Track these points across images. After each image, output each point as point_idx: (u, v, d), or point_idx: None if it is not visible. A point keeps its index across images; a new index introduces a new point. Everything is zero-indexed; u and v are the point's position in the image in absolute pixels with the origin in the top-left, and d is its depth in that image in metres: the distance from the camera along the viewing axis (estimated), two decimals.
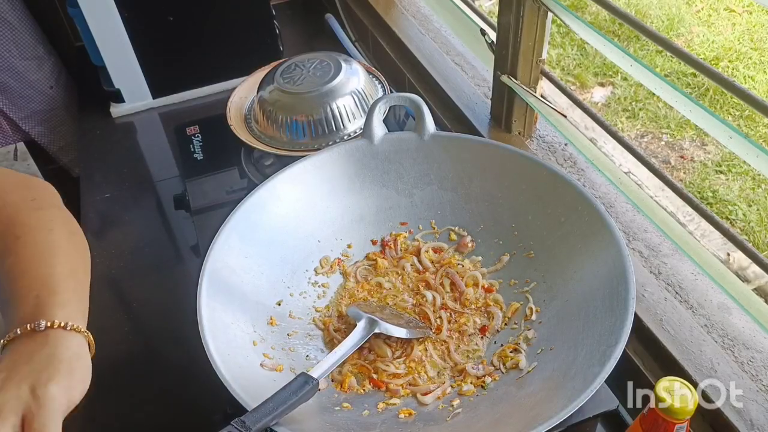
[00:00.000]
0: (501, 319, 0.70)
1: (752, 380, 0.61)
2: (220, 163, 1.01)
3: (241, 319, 0.66)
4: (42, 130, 1.37)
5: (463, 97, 1.01)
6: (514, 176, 0.75)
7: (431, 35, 1.15)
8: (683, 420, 0.49)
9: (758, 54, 2.39)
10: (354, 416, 0.61)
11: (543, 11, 0.81)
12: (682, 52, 0.62)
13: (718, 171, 2.07)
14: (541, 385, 0.59)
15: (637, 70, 0.68)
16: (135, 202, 1.04)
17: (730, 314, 0.67)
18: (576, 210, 0.69)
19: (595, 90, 2.44)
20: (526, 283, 0.72)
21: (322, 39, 1.35)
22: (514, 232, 0.75)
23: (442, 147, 0.79)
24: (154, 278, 0.91)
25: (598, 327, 0.59)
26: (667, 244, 0.75)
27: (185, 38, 1.16)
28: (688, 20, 2.62)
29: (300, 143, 0.92)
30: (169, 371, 0.78)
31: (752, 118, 2.18)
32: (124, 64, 1.14)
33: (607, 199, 0.82)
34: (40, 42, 1.33)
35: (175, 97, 1.21)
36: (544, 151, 0.92)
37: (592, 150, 0.80)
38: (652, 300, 0.69)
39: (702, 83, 2.30)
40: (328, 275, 0.77)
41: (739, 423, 0.58)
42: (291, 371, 0.64)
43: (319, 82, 0.92)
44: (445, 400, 0.63)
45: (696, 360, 0.63)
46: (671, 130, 2.22)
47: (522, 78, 0.87)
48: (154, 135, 1.19)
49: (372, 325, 0.65)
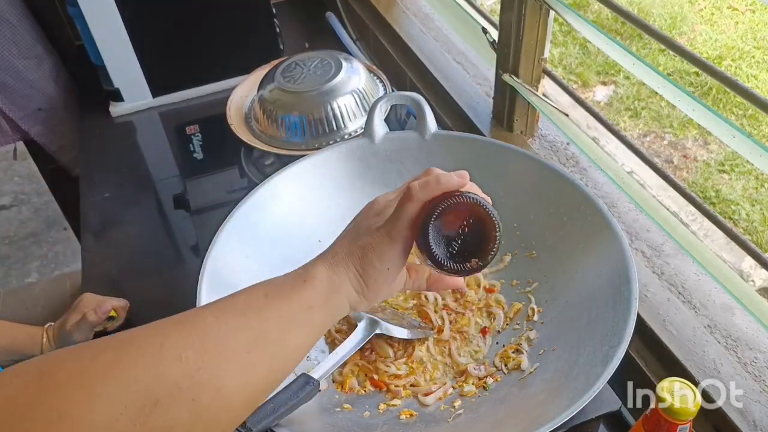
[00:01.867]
0: (503, 319, 0.70)
1: (755, 381, 0.61)
2: (220, 162, 1.01)
3: None
4: (41, 129, 1.37)
5: (464, 96, 1.01)
6: (515, 176, 0.75)
7: (432, 34, 1.15)
8: (685, 421, 0.49)
9: (761, 53, 2.38)
10: (355, 417, 0.61)
11: (545, 9, 0.80)
12: (684, 51, 0.62)
13: (721, 170, 2.06)
14: (544, 386, 0.59)
15: (639, 68, 0.67)
16: (135, 201, 1.04)
17: (733, 315, 0.67)
18: (578, 210, 0.69)
19: (597, 89, 2.43)
20: (528, 283, 0.71)
21: (323, 38, 1.35)
22: (516, 232, 0.75)
23: (443, 146, 0.78)
24: (154, 278, 0.90)
25: (600, 327, 0.59)
26: (669, 244, 0.74)
27: (185, 37, 1.15)
28: (690, 19, 2.61)
29: (300, 142, 0.91)
30: None
31: (755, 117, 2.18)
32: (124, 63, 1.13)
33: (610, 198, 0.81)
34: (39, 41, 1.32)
35: (175, 96, 1.21)
36: (546, 151, 0.91)
37: (594, 149, 0.79)
38: (654, 300, 0.69)
39: (705, 82, 2.30)
40: None
41: (741, 424, 0.58)
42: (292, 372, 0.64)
43: (320, 81, 0.92)
44: (446, 401, 0.63)
45: (699, 361, 0.63)
46: (674, 130, 2.21)
47: (524, 77, 0.87)
48: (153, 134, 1.18)
49: (373, 325, 0.65)
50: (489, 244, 0.44)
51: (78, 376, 0.34)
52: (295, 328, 0.41)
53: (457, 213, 0.44)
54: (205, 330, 0.38)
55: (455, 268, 0.44)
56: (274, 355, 0.40)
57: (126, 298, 0.87)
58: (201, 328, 0.38)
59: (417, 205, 0.44)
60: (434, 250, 0.43)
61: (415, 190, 0.44)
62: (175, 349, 0.36)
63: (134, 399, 0.34)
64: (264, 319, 0.40)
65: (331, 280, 0.44)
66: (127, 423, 0.33)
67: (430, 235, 0.43)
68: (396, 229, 0.44)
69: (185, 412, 0.35)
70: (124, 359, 0.35)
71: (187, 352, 0.36)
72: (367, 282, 0.44)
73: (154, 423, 0.34)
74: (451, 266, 0.44)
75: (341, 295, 0.44)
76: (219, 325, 0.38)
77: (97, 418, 0.33)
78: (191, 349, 0.36)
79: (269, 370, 0.40)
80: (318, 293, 0.43)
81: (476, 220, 0.44)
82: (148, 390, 0.34)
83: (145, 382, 0.34)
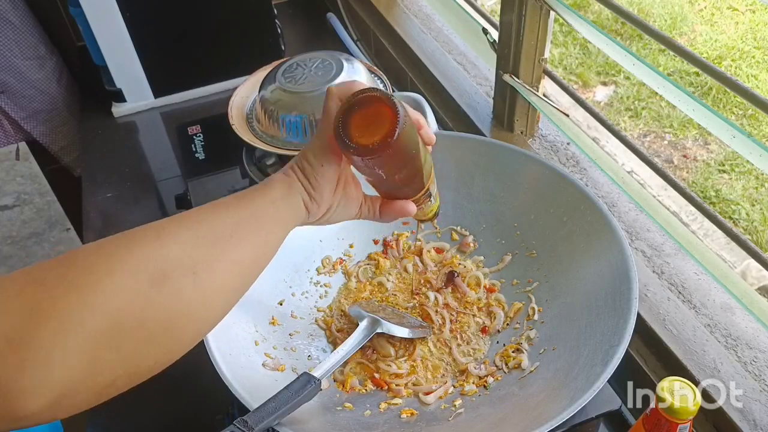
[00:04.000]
0: (503, 319, 0.70)
1: (755, 380, 0.61)
2: (221, 162, 1.01)
3: (243, 319, 0.66)
4: (43, 129, 1.38)
5: (465, 96, 1.01)
6: (516, 176, 0.75)
7: (433, 34, 1.15)
8: (686, 420, 0.49)
9: (761, 53, 2.38)
10: (356, 416, 0.61)
11: (545, 10, 0.81)
12: (685, 51, 0.62)
13: (721, 170, 2.06)
14: (544, 385, 0.59)
15: (639, 69, 0.68)
16: (137, 201, 1.04)
17: (733, 314, 0.67)
18: (578, 209, 0.69)
19: (597, 89, 2.43)
20: (528, 282, 0.72)
21: (324, 38, 1.35)
22: (517, 232, 0.75)
23: (444, 146, 0.78)
24: None
25: (600, 327, 0.59)
26: (669, 244, 0.75)
27: (187, 38, 1.16)
28: (690, 19, 2.61)
29: (302, 143, 0.91)
30: (170, 371, 0.77)
31: (755, 117, 2.18)
32: (126, 64, 1.14)
33: (610, 198, 0.82)
34: (41, 42, 1.33)
35: (177, 96, 1.21)
36: (546, 151, 0.91)
37: (594, 149, 0.79)
38: (654, 300, 0.69)
39: (705, 82, 2.30)
40: (330, 275, 0.77)
41: (742, 423, 0.58)
42: (293, 371, 0.64)
43: (321, 81, 0.92)
44: (447, 400, 0.63)
45: (699, 360, 0.63)
46: (674, 129, 2.21)
47: (524, 77, 0.87)
48: (155, 134, 1.19)
49: (374, 324, 0.65)
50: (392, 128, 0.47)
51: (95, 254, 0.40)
52: (265, 219, 0.48)
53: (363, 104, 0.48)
54: (192, 220, 0.45)
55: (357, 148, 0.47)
56: (251, 241, 0.47)
57: None
58: (189, 220, 0.45)
59: (336, 101, 0.49)
60: (340, 131, 0.47)
61: (334, 89, 0.50)
62: (171, 236, 0.43)
63: (146, 269, 0.40)
64: (238, 212, 0.47)
65: (284, 181, 0.50)
66: (146, 289, 0.40)
67: (340, 121, 0.48)
68: (321, 126, 0.50)
69: (189, 284, 0.42)
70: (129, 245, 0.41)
71: (182, 237, 0.43)
72: (310, 180, 0.50)
73: (167, 290, 0.41)
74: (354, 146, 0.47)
75: (295, 191, 0.50)
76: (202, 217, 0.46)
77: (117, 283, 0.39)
78: (185, 235, 0.43)
79: (250, 253, 0.47)
80: (277, 191, 0.49)
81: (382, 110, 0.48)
82: (156, 264, 0.41)
83: (152, 258, 0.41)
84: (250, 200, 0.48)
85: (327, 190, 0.51)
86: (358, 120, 0.48)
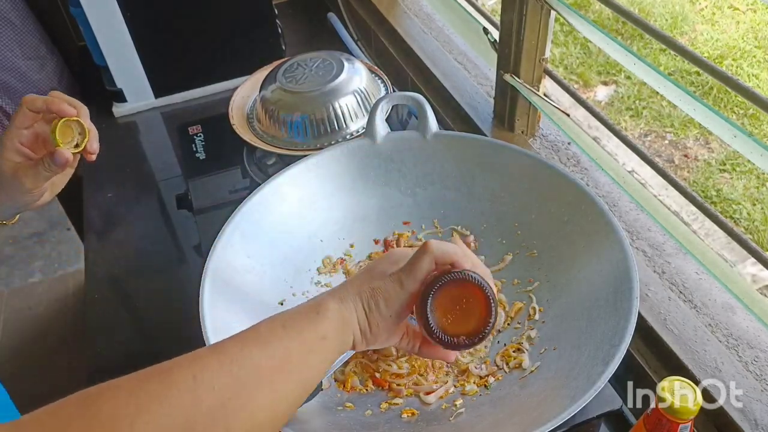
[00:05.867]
0: (504, 318, 0.70)
1: (756, 380, 0.61)
2: (222, 162, 1.01)
3: (244, 319, 0.66)
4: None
5: (465, 96, 1.01)
6: (517, 175, 0.75)
7: (434, 34, 1.15)
8: (687, 420, 0.49)
9: (762, 52, 2.38)
10: (357, 416, 0.61)
11: (546, 9, 0.81)
12: (685, 51, 0.62)
13: (722, 170, 2.06)
14: (545, 385, 0.59)
15: (640, 68, 0.68)
16: (137, 201, 1.04)
17: (734, 314, 0.67)
18: (579, 209, 0.69)
19: (598, 89, 2.43)
20: (529, 282, 0.72)
21: (325, 38, 1.35)
22: (517, 232, 0.75)
23: (444, 146, 0.79)
24: (157, 278, 0.91)
25: (601, 326, 0.59)
26: (670, 243, 0.75)
27: (187, 38, 1.16)
28: (691, 18, 2.61)
29: (302, 142, 0.92)
30: None
31: (756, 117, 2.17)
32: (127, 64, 1.14)
33: (611, 198, 0.82)
34: (42, 42, 1.33)
35: (178, 96, 1.21)
36: (547, 150, 0.91)
37: (595, 149, 0.79)
38: (655, 299, 0.69)
39: (706, 82, 2.30)
40: (330, 275, 0.77)
41: (743, 423, 0.58)
42: None
43: (322, 81, 0.92)
44: (448, 399, 0.63)
45: (700, 360, 0.63)
46: (675, 129, 2.21)
47: (525, 77, 0.87)
48: (156, 134, 1.19)
49: None
50: (481, 326, 0.46)
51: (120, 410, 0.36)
52: (312, 356, 0.44)
53: (461, 288, 0.46)
54: (233, 360, 0.40)
55: (443, 339, 0.47)
56: (295, 381, 0.43)
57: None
58: (229, 359, 0.40)
59: (431, 259, 0.46)
60: (429, 316, 0.46)
61: (433, 246, 0.46)
62: (207, 381, 0.38)
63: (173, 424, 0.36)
64: (285, 348, 0.43)
65: (342, 314, 0.46)
66: None
67: (429, 300, 0.46)
68: (408, 279, 0.47)
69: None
70: (161, 394, 0.37)
71: (220, 382, 0.39)
72: (370, 323, 0.47)
73: None
74: (440, 336, 0.47)
75: (349, 329, 0.46)
76: (245, 354, 0.41)
77: None
78: (223, 379, 0.39)
79: (292, 393, 0.43)
80: (330, 325, 0.45)
81: (476, 301, 0.47)
82: (186, 421, 0.37)
83: (181, 414, 0.37)
84: (298, 332, 0.44)
85: (382, 337, 0.48)
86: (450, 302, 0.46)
